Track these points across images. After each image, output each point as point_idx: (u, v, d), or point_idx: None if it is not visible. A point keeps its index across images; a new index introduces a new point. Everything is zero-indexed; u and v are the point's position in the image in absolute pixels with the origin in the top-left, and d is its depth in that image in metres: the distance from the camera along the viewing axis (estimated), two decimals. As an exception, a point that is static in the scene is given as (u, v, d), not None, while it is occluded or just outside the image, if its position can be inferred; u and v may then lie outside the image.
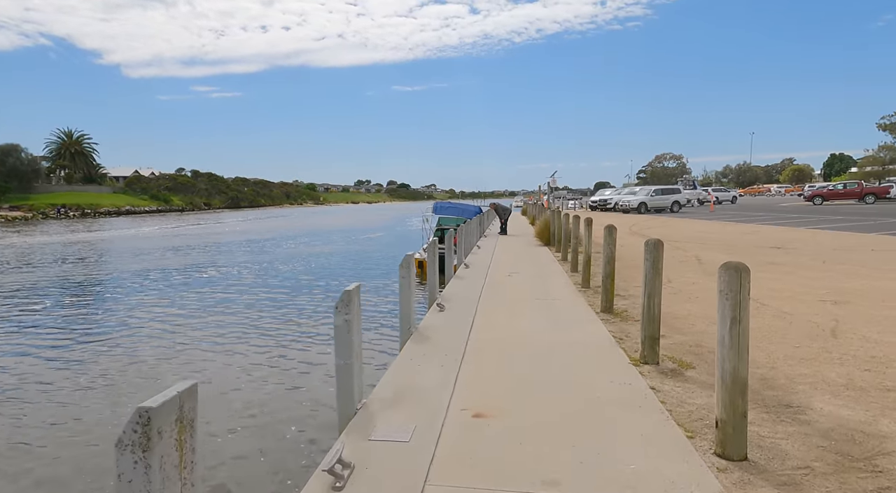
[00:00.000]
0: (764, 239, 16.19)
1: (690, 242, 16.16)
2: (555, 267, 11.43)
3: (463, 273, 10.60)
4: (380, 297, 13.14)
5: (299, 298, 13.57)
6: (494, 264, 11.91)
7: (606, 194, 50.27)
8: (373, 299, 12.76)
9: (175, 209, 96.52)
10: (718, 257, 12.30)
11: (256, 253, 26.05)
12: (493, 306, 7.38)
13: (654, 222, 26.57)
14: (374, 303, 12.31)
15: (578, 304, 7.49)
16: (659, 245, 4.75)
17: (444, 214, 20.53)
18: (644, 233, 20.17)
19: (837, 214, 27.43)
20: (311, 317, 11.25)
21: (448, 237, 10.47)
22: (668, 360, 4.95)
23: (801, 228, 20.20)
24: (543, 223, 16.43)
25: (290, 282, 16.21)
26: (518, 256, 13.77)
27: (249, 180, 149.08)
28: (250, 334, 9.87)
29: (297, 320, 10.90)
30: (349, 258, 22.82)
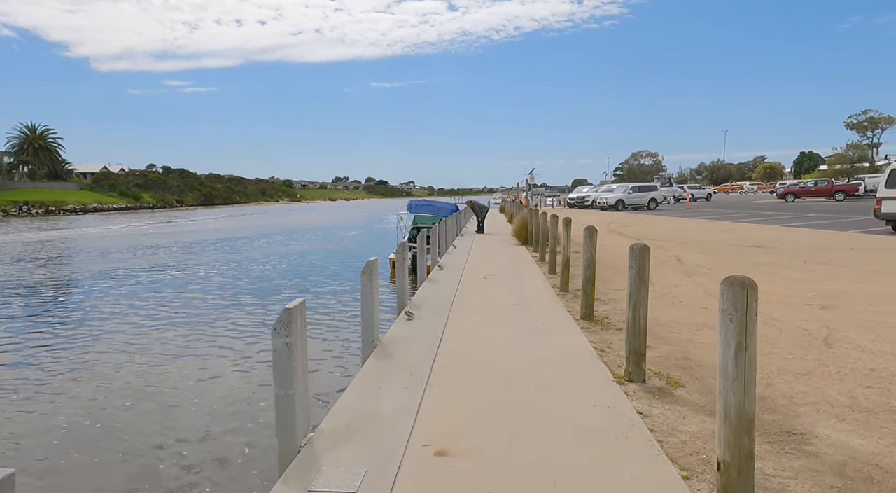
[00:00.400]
0: (742, 238, 16.04)
1: (669, 240, 15.92)
2: (532, 268, 10.99)
3: (436, 276, 10.08)
4: (355, 301, 12.55)
5: (267, 301, 12.88)
6: (470, 265, 11.42)
7: (584, 192, 50.30)
8: (348, 305, 12.16)
9: (146, 207, 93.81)
10: (699, 257, 12.02)
11: (227, 252, 25.12)
12: (467, 313, 6.88)
13: (631, 220, 26.44)
14: (347, 309, 11.72)
15: (557, 310, 7.04)
16: (645, 251, 4.30)
17: (419, 212, 19.96)
18: (622, 231, 19.93)
19: (810, 212, 27.71)
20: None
21: (422, 237, 9.93)
22: (655, 376, 4.51)
23: (776, 225, 20.21)
24: (521, 222, 16.02)
25: (259, 284, 15.48)
26: (494, 256, 13.30)
27: (224, 177, 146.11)
28: (204, 347, 9.18)
29: (258, 331, 10.25)
30: (323, 258, 22.10)
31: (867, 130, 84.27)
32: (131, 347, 9.01)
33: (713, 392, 4.02)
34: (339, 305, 12.20)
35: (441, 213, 19.64)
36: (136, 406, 6.41)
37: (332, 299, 12.96)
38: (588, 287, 6.45)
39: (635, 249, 4.30)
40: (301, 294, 13.38)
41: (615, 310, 7.07)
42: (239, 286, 15.02)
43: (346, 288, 14.36)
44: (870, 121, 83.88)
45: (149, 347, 9.02)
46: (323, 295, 13.34)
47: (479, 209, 21.74)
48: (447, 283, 9.21)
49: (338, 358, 7.96)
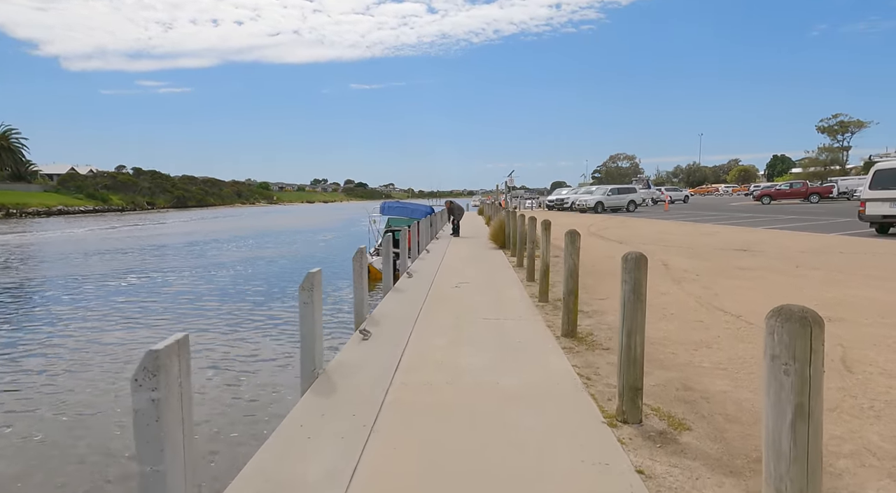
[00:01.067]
0: (726, 241, 15.50)
1: (651, 243, 15.29)
2: (509, 275, 10.17)
3: (404, 284, 9.18)
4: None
5: (222, 311, 11.82)
6: (442, 272, 10.55)
7: (563, 194, 49.89)
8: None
9: (115, 209, 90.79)
10: (685, 262, 11.35)
11: (194, 257, 23.82)
12: (432, 331, 6.00)
13: (611, 222, 25.91)
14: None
15: (535, 325, 6.20)
16: (641, 262, 3.48)
17: (392, 214, 19.06)
18: (603, 234, 19.30)
19: (788, 214, 27.56)
20: (230, 343, 9.58)
21: (387, 242, 9.04)
22: (654, 414, 3.69)
23: (758, 228, 19.80)
24: (498, 224, 15.22)
25: (222, 292, 14.37)
26: (469, 261, 12.46)
27: (198, 179, 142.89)
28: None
29: (206, 350, 9.22)
30: (295, 262, 21.00)
31: (837, 133, 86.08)
32: (23, 374, 7.91)
33: (727, 439, 3.21)
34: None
35: (415, 215, 18.77)
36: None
37: (293, 313, 11.95)
38: (570, 300, 5.63)
39: (630, 259, 3.47)
40: (256, 305, 12.35)
41: (600, 325, 6.27)
42: (198, 294, 13.90)
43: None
44: (840, 125, 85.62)
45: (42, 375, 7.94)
46: (280, 308, 12.33)
47: (456, 211, 20.90)
48: (415, 293, 8.32)
49: (275, 393, 6.82)
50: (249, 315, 11.30)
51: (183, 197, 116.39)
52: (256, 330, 9.99)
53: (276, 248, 27.23)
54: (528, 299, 7.80)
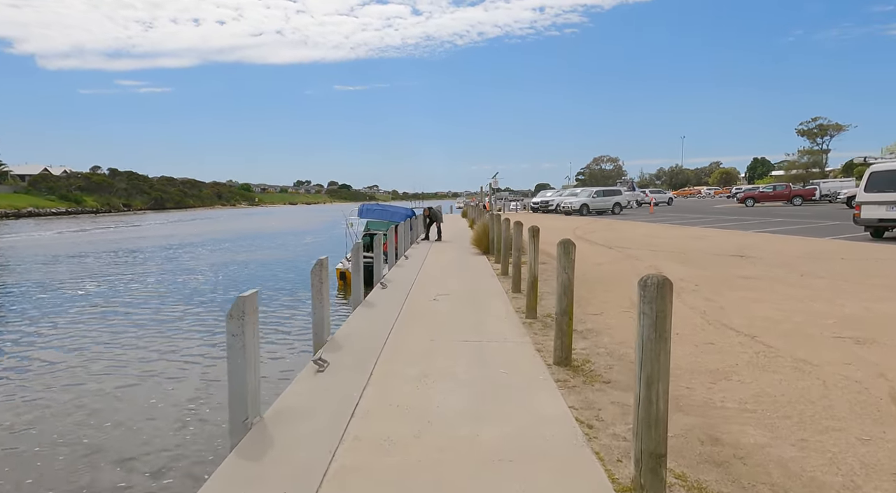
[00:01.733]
0: (718, 245, 14.85)
1: (640, 248, 14.59)
2: (493, 285, 9.31)
3: (376, 297, 8.27)
4: (292, 312, 10.60)
5: (181, 324, 10.77)
6: (420, 281, 9.66)
7: (548, 196, 49.36)
8: (285, 341, 10.18)
9: (89, 211, 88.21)
10: (680, 269, 10.61)
11: (162, 262, 22.61)
12: (402, 358, 5.10)
13: (597, 225, 25.27)
14: (283, 323, 9.76)
15: (524, 349, 5.35)
16: (666, 289, 2.63)
17: (370, 217, 18.10)
18: (590, 238, 18.58)
19: (774, 216, 27.20)
20: (186, 363, 8.56)
21: (356, 250, 8.14)
22: (680, 485, 2.85)
23: (748, 231, 19.27)
24: (481, 229, 14.39)
25: (184, 301, 13.29)
26: (450, 269, 11.59)
27: (177, 180, 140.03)
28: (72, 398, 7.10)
29: (157, 372, 8.20)
30: (266, 268, 19.93)
31: (817, 136, 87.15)
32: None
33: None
34: (279, 338, 10.25)
35: (394, 218, 17.85)
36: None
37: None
38: (564, 322, 4.79)
39: (651, 285, 2.62)
40: (222, 317, 11.29)
41: (597, 348, 5.44)
42: (154, 306, 12.80)
43: (285, 303, 12.38)
44: (819, 128, 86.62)
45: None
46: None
47: (436, 216, 20.03)
48: (387, 307, 7.42)
49: (202, 445, 5.56)
50: (201, 333, 10.28)
51: (161, 198, 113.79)
52: (207, 349, 9.00)
53: (252, 252, 26.08)
54: (514, 315, 6.95)
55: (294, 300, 13.24)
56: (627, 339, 5.64)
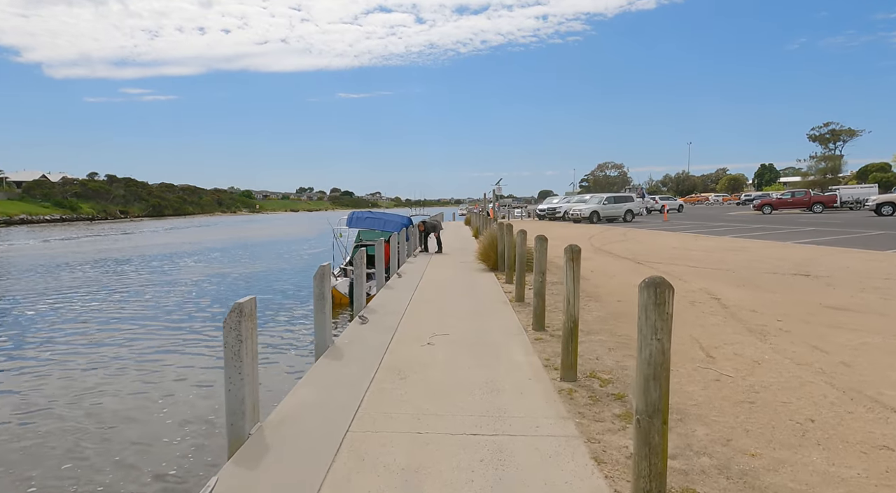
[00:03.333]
0: (764, 260, 12.68)
1: (674, 262, 12.43)
2: (507, 317, 7.16)
3: (351, 337, 6.12)
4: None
5: (133, 352, 8.62)
6: (412, 313, 7.51)
7: (555, 203, 47.19)
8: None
9: (84, 218, 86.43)
10: (739, 293, 8.44)
11: (139, 273, 20.53)
12: (372, 468, 2.95)
13: (613, 235, 23.10)
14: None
15: (571, 457, 3.19)
16: None
17: (361, 226, 16.00)
18: (610, 249, 16.42)
19: (803, 225, 24.96)
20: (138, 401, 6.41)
21: (320, 278, 5.98)
22: None
23: (787, 242, 17.08)
24: (488, 240, 12.26)
25: (146, 324, 11.16)
26: (451, 291, 9.44)
27: (176, 187, 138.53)
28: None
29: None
30: (250, 281, 17.81)
31: (829, 141, 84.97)
32: None
33: None
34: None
35: (388, 227, 15.75)
36: None
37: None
38: (653, 429, 2.63)
39: None
40: (190, 342, 9.12)
41: (696, 455, 3.27)
42: (109, 329, 10.66)
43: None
44: (832, 133, 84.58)
45: None
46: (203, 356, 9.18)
47: (431, 228, 17.82)
48: (361, 358, 5.27)
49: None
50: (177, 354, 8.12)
51: (159, 205, 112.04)
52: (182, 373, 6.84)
53: (241, 264, 23.96)
54: (543, 373, 4.79)
55: (279, 320, 11.11)
56: (733, 432, 3.50)
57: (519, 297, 8.24)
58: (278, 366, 7.96)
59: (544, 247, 6.37)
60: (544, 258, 6.35)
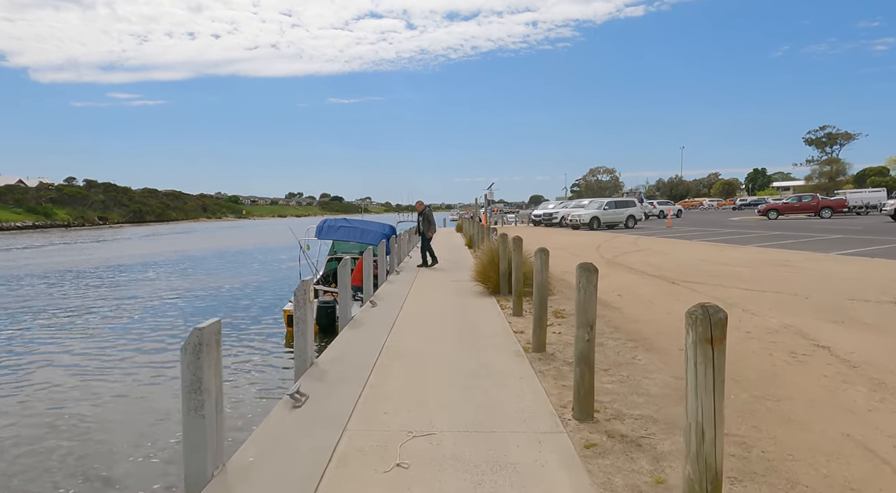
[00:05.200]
0: (835, 279, 10.25)
1: (723, 283, 9.97)
2: (523, 386, 4.60)
3: (264, 444, 3.52)
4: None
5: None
6: (378, 381, 4.91)
7: (551, 207, 44.86)
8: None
9: (59, 225, 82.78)
10: (846, 336, 5.94)
11: (88, 288, 17.77)
12: None
13: (622, 243, 20.65)
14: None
15: None
16: None
17: (333, 237, 13.40)
18: (625, 262, 13.94)
19: (822, 232, 22.68)
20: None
21: (297, 300, 3.42)
22: None
23: (830, 253, 14.71)
24: (488, 257, 9.70)
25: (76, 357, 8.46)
26: (439, 334, 6.84)
27: (160, 192, 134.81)
28: None
29: None
30: (218, 301, 15.12)
31: (826, 145, 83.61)
32: None
33: None
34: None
35: (366, 238, 13.17)
36: None
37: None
38: None
39: None
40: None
41: None
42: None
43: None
44: (828, 136, 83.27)
45: None
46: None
47: (429, 220, 14.92)
48: (285, 475, 2.70)
49: None
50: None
51: (140, 211, 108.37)
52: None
53: (210, 277, 21.21)
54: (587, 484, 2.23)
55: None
56: None
57: (538, 345, 5.68)
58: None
59: (591, 283, 3.82)
60: (592, 304, 3.81)
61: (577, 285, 3.83)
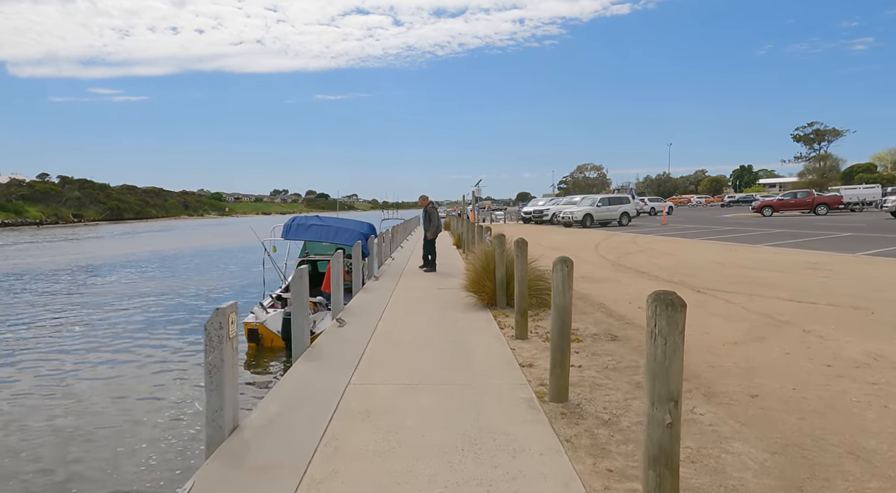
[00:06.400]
0: (884, 286, 8.84)
1: (759, 292, 8.49)
2: (536, 441, 3.03)
3: None
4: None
5: None
6: (332, 448, 3.30)
7: (541, 204, 43.38)
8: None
9: (31, 223, 79.53)
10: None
11: (39, 294, 15.83)
12: None
13: (621, 242, 19.19)
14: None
15: None
16: None
17: (304, 237, 11.70)
18: (632, 265, 12.42)
19: (832, 230, 21.39)
20: None
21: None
22: None
23: (856, 253, 13.36)
24: (482, 262, 8.09)
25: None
26: (423, 366, 5.23)
27: (139, 189, 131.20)
28: None
29: None
30: (179, 307, 13.33)
31: (814, 142, 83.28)
32: None
33: None
34: None
35: (341, 238, 11.52)
36: None
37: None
38: None
39: None
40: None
41: None
42: None
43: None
44: (816, 133, 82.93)
45: None
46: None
47: (427, 222, 13.12)
48: None
49: None
50: None
51: (118, 208, 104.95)
52: None
53: (175, 279, 19.34)
54: None
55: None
56: None
57: (558, 392, 4.08)
58: None
59: (676, 328, 2.22)
60: (677, 366, 2.22)
61: (652, 329, 2.23)
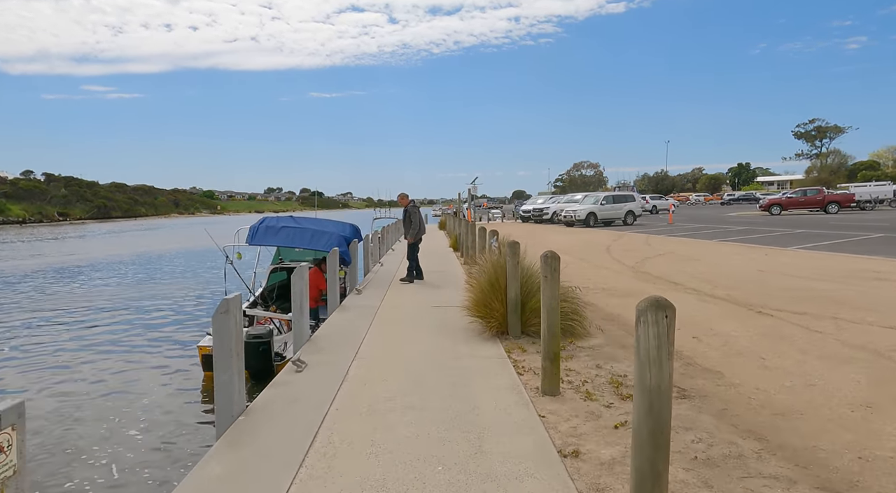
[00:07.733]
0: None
1: (826, 311, 6.76)
2: None
3: None
4: None
5: None
6: None
7: (540, 202, 41.57)
8: None
9: (13, 221, 77.14)
10: None
11: (24, 302, 13.97)
12: None
13: (633, 244, 17.44)
14: None
15: None
16: None
17: (273, 242, 9.86)
18: (654, 271, 10.64)
19: (855, 230, 19.70)
20: None
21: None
22: None
23: (886, 258, 11.66)
24: (487, 278, 6.30)
25: None
26: (410, 451, 3.46)
27: (128, 186, 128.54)
28: None
29: None
30: (143, 320, 11.50)
31: (815, 139, 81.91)
32: None
33: None
34: None
35: (317, 243, 9.71)
36: None
37: None
38: None
39: None
40: None
41: None
42: None
43: None
44: (818, 130, 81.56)
45: None
46: None
47: (413, 221, 11.25)
48: None
49: None
50: None
51: (105, 206, 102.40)
52: None
53: (149, 285, 17.45)
54: None
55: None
56: None
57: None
58: None
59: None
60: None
61: None
